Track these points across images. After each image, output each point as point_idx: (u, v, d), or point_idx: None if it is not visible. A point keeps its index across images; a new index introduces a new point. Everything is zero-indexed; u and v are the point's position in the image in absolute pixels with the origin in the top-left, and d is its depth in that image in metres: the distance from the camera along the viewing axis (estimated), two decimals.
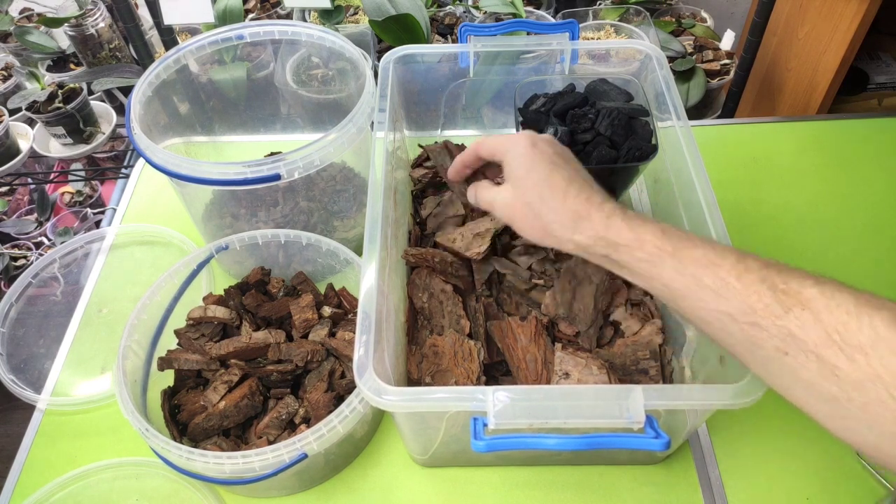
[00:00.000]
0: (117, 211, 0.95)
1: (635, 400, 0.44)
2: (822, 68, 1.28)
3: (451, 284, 0.66)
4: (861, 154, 0.95)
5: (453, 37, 1.25)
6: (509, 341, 0.61)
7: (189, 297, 0.72)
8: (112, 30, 1.37)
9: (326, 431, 0.55)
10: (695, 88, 1.23)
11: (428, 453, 0.62)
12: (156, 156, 0.66)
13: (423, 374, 0.61)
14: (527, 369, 0.59)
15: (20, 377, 0.75)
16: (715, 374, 0.53)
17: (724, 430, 0.67)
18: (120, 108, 1.39)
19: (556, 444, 0.43)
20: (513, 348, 0.61)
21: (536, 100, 0.68)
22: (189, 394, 0.67)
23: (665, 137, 0.65)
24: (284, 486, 0.63)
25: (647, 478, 0.64)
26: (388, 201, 0.59)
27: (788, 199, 0.89)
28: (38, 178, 1.56)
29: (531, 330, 0.61)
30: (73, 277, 0.87)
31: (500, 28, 0.73)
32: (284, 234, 0.73)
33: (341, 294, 0.74)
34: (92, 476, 0.66)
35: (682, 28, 1.38)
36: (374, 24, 1.03)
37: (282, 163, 0.64)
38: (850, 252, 0.83)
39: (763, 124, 1.01)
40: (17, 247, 1.49)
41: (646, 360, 0.60)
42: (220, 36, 0.78)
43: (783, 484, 0.63)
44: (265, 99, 0.99)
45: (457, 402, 0.46)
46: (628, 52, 0.74)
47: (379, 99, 0.66)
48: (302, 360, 0.65)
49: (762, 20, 1.09)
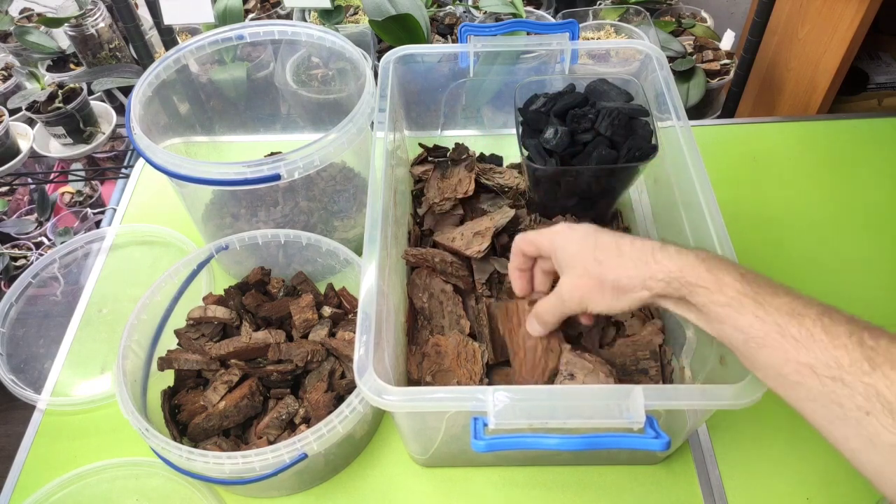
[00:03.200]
0: (117, 211, 0.95)
1: (635, 400, 0.44)
2: (822, 68, 1.28)
3: (451, 284, 0.66)
4: (861, 154, 0.95)
5: (453, 37, 1.25)
6: (513, 325, 0.60)
7: (189, 297, 0.72)
8: (112, 30, 1.37)
9: (326, 431, 0.55)
10: (695, 88, 1.23)
11: (428, 453, 0.62)
12: (156, 156, 0.66)
13: (424, 374, 0.61)
14: (524, 357, 0.58)
15: (20, 377, 0.75)
16: (715, 374, 0.53)
17: (724, 430, 0.67)
18: (120, 108, 1.39)
19: (556, 444, 0.43)
20: (514, 332, 0.59)
21: (536, 100, 0.68)
22: (189, 394, 0.67)
23: (665, 137, 0.65)
24: (284, 486, 0.63)
25: (647, 478, 0.64)
26: (388, 201, 0.59)
27: (788, 198, 0.89)
28: (38, 178, 1.56)
29: None
30: (73, 277, 0.87)
31: (500, 28, 0.73)
32: (284, 234, 0.73)
33: (341, 294, 0.74)
34: (92, 476, 0.66)
35: (682, 28, 1.38)
36: (374, 24, 1.03)
37: (282, 163, 0.64)
38: (850, 252, 0.83)
39: (763, 124, 1.01)
40: (17, 247, 1.48)
41: (646, 360, 0.60)
42: (220, 36, 0.78)
43: (783, 484, 0.63)
44: (265, 99, 0.99)
45: (457, 402, 0.46)
46: (628, 52, 0.74)
47: (379, 99, 0.66)
48: (302, 360, 0.65)
49: (762, 20, 1.09)
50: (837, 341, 0.36)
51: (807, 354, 0.37)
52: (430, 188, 0.75)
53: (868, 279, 0.80)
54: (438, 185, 0.74)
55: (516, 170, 0.78)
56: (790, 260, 0.82)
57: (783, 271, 0.80)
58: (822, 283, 0.79)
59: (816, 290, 0.40)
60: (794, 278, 0.80)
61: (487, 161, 0.81)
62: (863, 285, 0.79)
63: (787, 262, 0.82)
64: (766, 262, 0.81)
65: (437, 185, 0.74)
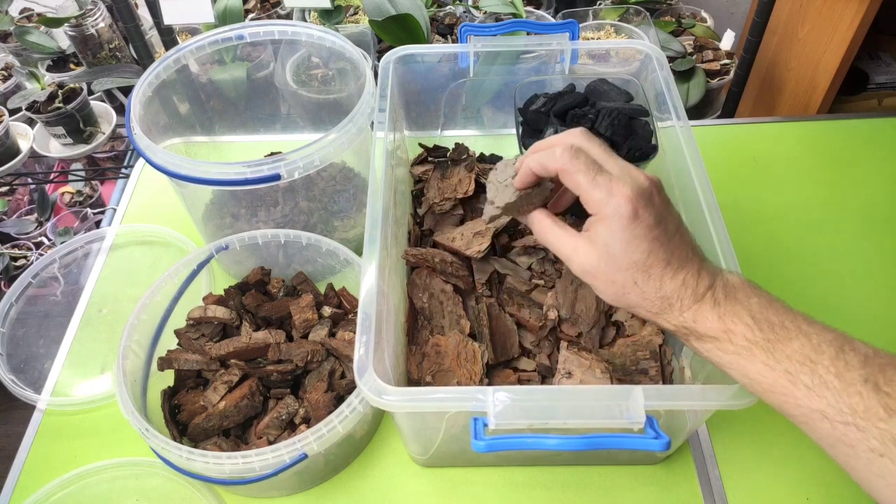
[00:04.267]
0: (117, 211, 0.95)
1: (635, 400, 0.44)
2: (822, 68, 1.28)
3: (451, 284, 0.66)
4: (861, 154, 0.95)
5: (453, 37, 1.25)
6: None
7: (189, 297, 0.72)
8: (112, 30, 1.37)
9: (326, 431, 0.55)
10: (695, 88, 1.23)
11: (428, 453, 0.62)
12: (156, 156, 0.66)
13: (424, 374, 0.61)
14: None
15: (20, 377, 0.75)
16: (715, 374, 0.52)
17: (724, 430, 0.67)
18: (120, 108, 1.39)
19: (556, 445, 0.43)
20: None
21: (536, 100, 0.68)
22: (189, 394, 0.67)
23: (665, 137, 0.65)
24: (284, 487, 0.63)
25: (647, 478, 0.64)
26: (389, 201, 0.59)
27: (788, 198, 0.89)
28: (38, 178, 1.56)
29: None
30: (73, 277, 0.87)
31: (500, 28, 0.73)
32: (284, 234, 0.73)
33: (341, 294, 0.74)
34: (92, 476, 0.66)
35: (682, 28, 1.38)
36: (374, 24, 1.03)
37: (282, 163, 0.64)
38: (850, 251, 0.83)
39: (763, 124, 1.01)
40: (17, 247, 1.49)
41: (646, 361, 0.60)
42: (220, 36, 0.78)
43: (783, 484, 0.63)
44: (265, 99, 0.99)
45: (457, 402, 0.46)
46: (628, 52, 0.74)
47: (379, 99, 0.66)
48: (302, 360, 0.65)
49: (762, 20, 1.09)
50: (852, 388, 0.36)
51: (819, 401, 0.37)
52: (430, 188, 0.75)
53: (868, 279, 0.80)
54: (438, 185, 0.74)
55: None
56: (790, 260, 0.82)
57: (783, 271, 0.80)
58: (822, 282, 0.78)
59: (816, 290, 0.40)
60: (795, 278, 0.80)
61: (487, 161, 0.81)
62: (863, 285, 0.79)
63: (788, 262, 0.82)
64: (766, 262, 0.81)
65: (437, 185, 0.74)
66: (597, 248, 0.43)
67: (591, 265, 0.43)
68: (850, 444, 0.36)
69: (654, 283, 0.42)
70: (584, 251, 0.44)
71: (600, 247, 0.43)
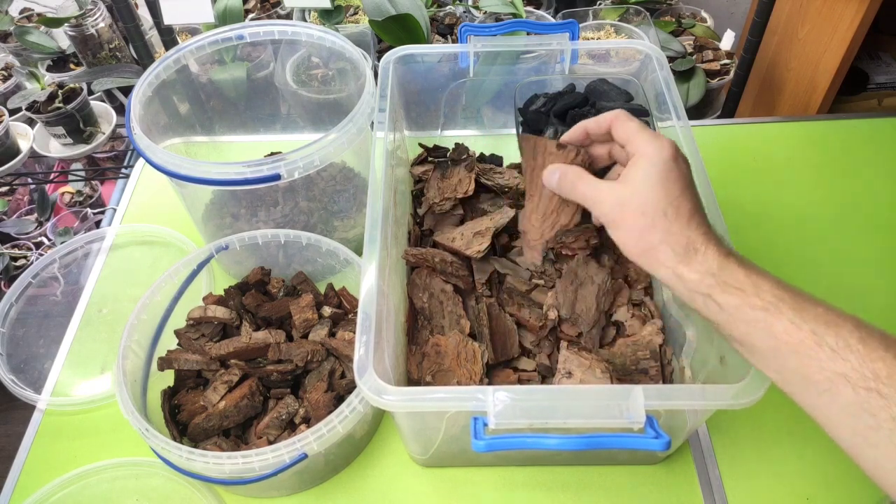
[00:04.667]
0: (117, 211, 0.95)
1: (635, 400, 0.44)
2: (822, 68, 1.28)
3: (451, 284, 0.66)
4: (861, 154, 0.95)
5: (453, 37, 1.25)
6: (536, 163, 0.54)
7: (189, 297, 0.72)
8: (112, 30, 1.37)
9: (326, 431, 0.55)
10: (695, 88, 1.23)
11: (428, 453, 0.62)
12: (156, 156, 0.66)
13: (424, 374, 0.61)
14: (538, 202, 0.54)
15: (20, 377, 0.75)
16: (715, 374, 0.53)
17: (724, 430, 0.67)
18: (120, 108, 1.39)
19: (556, 444, 0.43)
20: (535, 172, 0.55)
21: (536, 100, 0.68)
22: (189, 394, 0.67)
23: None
24: (284, 486, 0.63)
25: (647, 478, 0.64)
26: (389, 201, 0.59)
27: (788, 198, 0.89)
28: (38, 178, 1.56)
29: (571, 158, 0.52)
30: (73, 277, 0.87)
31: (500, 28, 0.73)
32: (284, 234, 0.73)
33: (341, 294, 0.74)
34: (92, 476, 0.66)
35: (682, 28, 1.38)
36: (374, 24, 1.03)
37: (282, 163, 0.64)
38: (850, 251, 0.83)
39: (763, 124, 1.01)
40: (17, 247, 1.49)
41: (646, 360, 0.60)
42: (220, 36, 0.78)
43: (783, 484, 0.63)
44: (265, 99, 0.99)
45: (457, 402, 0.46)
46: (628, 52, 0.74)
47: (379, 99, 0.66)
48: (302, 360, 0.65)
49: (762, 20, 1.09)
50: (875, 353, 0.36)
51: (843, 364, 0.37)
52: (430, 188, 0.75)
53: (868, 279, 0.80)
54: (438, 185, 0.74)
55: (516, 170, 0.78)
56: (790, 260, 0.82)
57: (783, 271, 0.78)
58: (822, 282, 0.78)
59: (816, 290, 0.40)
60: (795, 278, 0.79)
61: (487, 161, 0.81)
62: (863, 285, 0.79)
63: (788, 261, 0.82)
64: (767, 262, 0.80)
65: (437, 185, 0.74)
66: (632, 184, 0.45)
67: (621, 199, 0.45)
68: (872, 412, 0.36)
69: (683, 220, 0.43)
70: (614, 189, 0.46)
71: (637, 182, 0.45)
